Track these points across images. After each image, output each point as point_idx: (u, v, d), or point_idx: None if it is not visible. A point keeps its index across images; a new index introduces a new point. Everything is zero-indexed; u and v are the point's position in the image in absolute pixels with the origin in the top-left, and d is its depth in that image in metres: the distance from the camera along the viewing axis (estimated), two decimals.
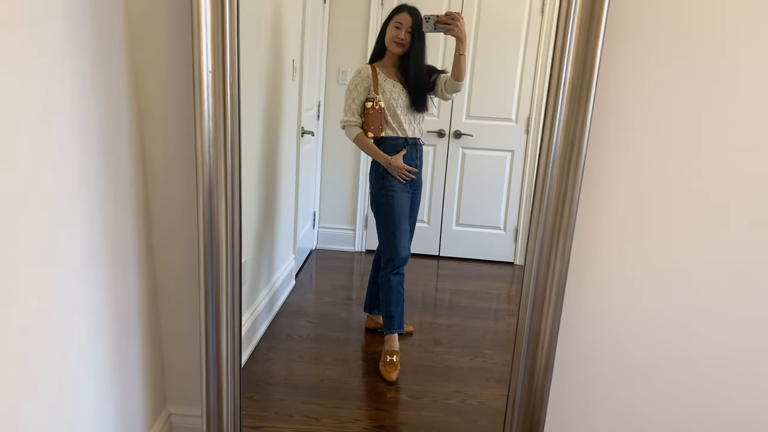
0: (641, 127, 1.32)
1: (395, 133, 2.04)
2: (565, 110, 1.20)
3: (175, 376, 1.59)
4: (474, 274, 2.48)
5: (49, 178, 1.00)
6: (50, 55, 0.98)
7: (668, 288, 1.43)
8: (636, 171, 1.36)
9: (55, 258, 1.03)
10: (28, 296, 0.96)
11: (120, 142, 1.25)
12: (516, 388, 1.38)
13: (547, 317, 1.32)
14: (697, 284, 1.42)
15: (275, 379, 1.91)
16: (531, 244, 1.31)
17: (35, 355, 0.99)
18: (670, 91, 1.29)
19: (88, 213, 1.13)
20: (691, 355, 1.49)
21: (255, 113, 1.82)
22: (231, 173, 1.22)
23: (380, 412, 1.80)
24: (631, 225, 1.40)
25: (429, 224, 2.44)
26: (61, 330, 1.07)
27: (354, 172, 2.49)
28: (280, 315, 2.28)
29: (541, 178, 1.26)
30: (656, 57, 1.27)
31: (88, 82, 1.10)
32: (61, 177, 1.03)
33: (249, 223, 1.86)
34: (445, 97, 2.05)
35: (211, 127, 1.18)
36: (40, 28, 0.95)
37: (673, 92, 1.29)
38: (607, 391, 1.54)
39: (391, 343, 2.08)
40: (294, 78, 2.19)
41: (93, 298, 1.17)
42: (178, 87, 1.32)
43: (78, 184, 1.09)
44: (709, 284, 1.42)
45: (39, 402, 1.01)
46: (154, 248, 1.46)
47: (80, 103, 1.08)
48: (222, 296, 1.29)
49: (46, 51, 0.97)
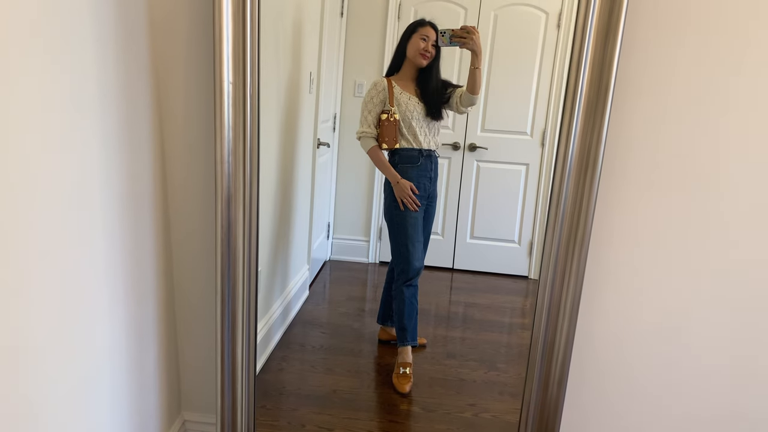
0: (658, 142, 1.32)
1: (410, 145, 2.06)
2: (581, 124, 1.20)
3: (190, 383, 1.60)
4: (488, 288, 2.48)
5: (70, 181, 1.02)
6: (76, 61, 1.01)
7: (685, 304, 1.43)
8: (652, 185, 1.35)
9: (77, 265, 1.05)
10: (49, 300, 0.98)
11: (141, 149, 1.27)
12: (530, 400, 1.38)
13: (562, 330, 1.31)
14: (715, 301, 1.41)
15: (288, 389, 1.92)
16: (546, 257, 1.32)
17: (53, 358, 1.01)
18: (688, 106, 1.29)
19: (109, 219, 1.15)
20: (708, 373, 1.47)
21: (272, 124, 1.84)
22: (249, 183, 1.24)
23: (393, 424, 1.80)
24: (647, 240, 1.39)
25: (443, 237, 2.44)
26: (80, 334, 1.08)
27: (369, 183, 2.51)
28: (294, 325, 2.28)
29: (556, 192, 1.27)
30: (675, 71, 1.27)
31: (111, 87, 1.12)
32: (82, 180, 1.06)
33: (264, 233, 1.88)
34: (460, 111, 2.06)
35: (230, 137, 1.20)
36: (66, 37, 0.98)
37: (690, 106, 1.29)
38: (622, 405, 1.53)
39: (405, 356, 2.07)
40: (311, 90, 2.22)
41: (111, 303, 1.19)
42: (198, 96, 1.35)
43: (99, 191, 1.11)
44: (727, 302, 1.41)
45: (56, 404, 1.02)
46: (173, 256, 1.49)
47: (102, 107, 1.10)
48: (238, 305, 1.30)
49: (72, 56, 1.00)
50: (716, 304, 1.42)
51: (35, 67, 0.89)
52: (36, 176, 0.92)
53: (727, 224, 1.35)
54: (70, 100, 1.00)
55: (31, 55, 0.88)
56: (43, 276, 0.96)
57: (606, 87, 1.17)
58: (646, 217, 1.38)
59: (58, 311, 1.01)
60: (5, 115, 0.84)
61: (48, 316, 0.98)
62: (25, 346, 0.92)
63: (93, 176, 1.08)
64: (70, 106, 1.00)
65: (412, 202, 2.07)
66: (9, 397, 0.89)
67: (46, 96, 0.93)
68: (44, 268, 0.96)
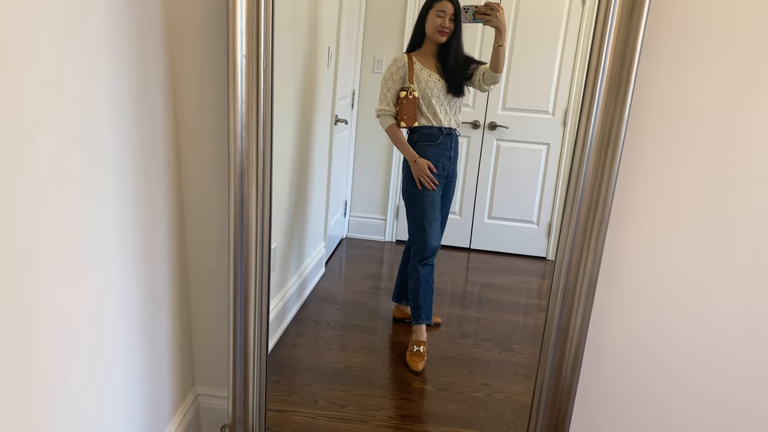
0: (683, 123, 1.28)
1: (429, 123, 2.03)
2: (603, 101, 1.17)
3: (203, 357, 1.62)
4: (505, 268, 2.46)
5: (83, 159, 1.02)
6: (88, 30, 1.00)
7: (705, 290, 1.39)
8: (675, 167, 1.31)
9: (91, 239, 1.06)
10: (63, 277, 0.98)
11: (154, 122, 1.27)
12: (542, 383, 1.36)
13: (577, 312, 1.29)
14: (736, 289, 1.38)
15: (302, 365, 1.93)
16: (563, 237, 1.29)
17: (66, 334, 1.02)
18: (715, 88, 1.24)
19: (122, 194, 1.15)
20: (723, 361, 1.44)
21: (289, 100, 1.83)
22: (263, 157, 1.23)
23: (405, 402, 1.80)
24: (668, 223, 1.36)
25: (460, 216, 2.41)
26: (93, 309, 1.09)
27: (386, 161, 2.49)
28: (309, 301, 2.29)
29: (575, 171, 1.24)
30: (702, 47, 1.22)
31: (124, 61, 1.12)
32: (95, 155, 1.05)
33: (280, 210, 1.88)
34: (482, 89, 2.01)
35: (243, 110, 1.19)
36: (80, 8, 0.97)
37: (717, 89, 1.24)
38: (635, 391, 1.51)
39: (419, 334, 2.07)
40: (329, 66, 2.19)
41: (124, 276, 1.20)
42: (211, 70, 1.33)
43: (114, 167, 1.11)
44: (747, 290, 1.37)
45: (68, 378, 1.04)
46: (186, 232, 1.49)
47: (116, 82, 1.10)
48: (251, 280, 1.30)
49: (84, 25, 0.99)
50: (742, 286, 1.38)
51: (48, 43, 0.89)
52: (44, 165, 0.92)
53: (758, 205, 1.31)
54: (82, 76, 0.99)
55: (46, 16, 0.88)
56: (55, 258, 0.96)
57: (630, 61, 1.13)
58: (668, 197, 1.34)
59: (73, 288, 1.01)
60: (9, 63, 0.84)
61: (60, 293, 0.98)
62: (36, 321, 0.93)
63: (105, 151, 1.08)
64: (87, 77, 0.99)
65: (429, 181, 2.04)
66: (20, 372, 0.90)
67: (60, 69, 0.92)
68: (56, 247, 0.96)
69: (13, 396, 0.88)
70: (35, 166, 0.88)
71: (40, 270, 0.92)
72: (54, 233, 0.95)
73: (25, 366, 0.90)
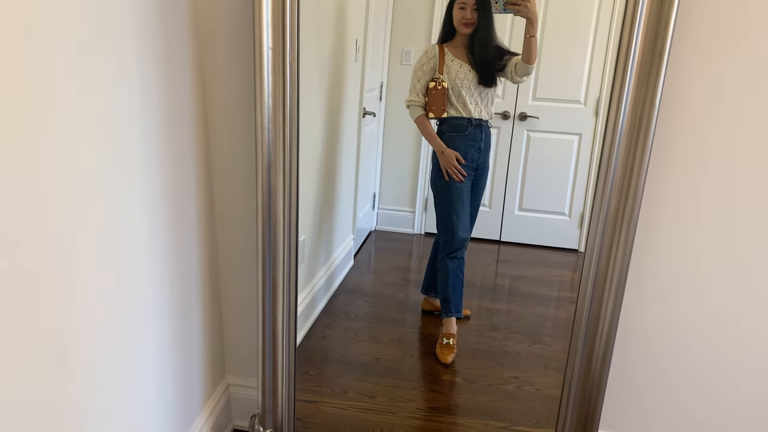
0: (719, 105, 1.24)
1: (459, 114, 2.01)
2: (633, 88, 1.14)
3: (234, 347, 1.65)
4: (536, 261, 2.43)
5: (111, 160, 1.04)
6: (112, 26, 1.02)
7: (738, 283, 1.35)
8: (708, 157, 1.28)
9: (124, 231, 1.08)
10: (97, 268, 1.01)
11: (182, 119, 1.29)
12: (572, 375, 1.34)
13: (608, 304, 1.27)
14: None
15: (331, 356, 1.95)
16: (593, 227, 1.27)
17: (99, 323, 1.04)
18: (751, 76, 1.20)
19: (152, 184, 1.18)
20: (757, 357, 1.40)
21: (316, 93, 1.83)
22: (289, 149, 1.24)
23: (434, 394, 1.80)
24: (703, 212, 1.32)
25: (491, 208, 2.39)
26: (126, 300, 1.12)
27: (415, 154, 2.48)
28: (338, 293, 2.31)
29: (605, 159, 1.21)
30: (738, 32, 1.18)
31: (149, 53, 1.14)
32: (123, 148, 1.08)
33: (308, 203, 1.89)
34: (514, 80, 1.99)
35: (270, 103, 1.20)
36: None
37: (753, 77, 1.20)
38: (666, 384, 1.47)
39: (448, 326, 2.07)
40: (357, 58, 2.19)
41: (156, 270, 1.22)
42: (237, 63, 1.35)
43: (140, 162, 1.13)
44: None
45: (100, 368, 1.06)
46: (216, 221, 1.51)
47: (142, 73, 1.12)
48: (279, 270, 1.31)
49: (108, 21, 1.01)
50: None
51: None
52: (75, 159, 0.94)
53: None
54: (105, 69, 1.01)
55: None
56: (91, 242, 0.99)
57: (662, 46, 1.09)
58: (702, 186, 1.30)
59: (108, 280, 1.04)
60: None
61: (96, 282, 1.01)
62: (72, 311, 0.96)
63: (133, 144, 1.10)
64: (111, 74, 1.01)
65: (456, 173, 2.03)
66: (51, 365, 0.93)
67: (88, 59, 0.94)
68: (91, 232, 0.98)
69: (45, 391, 0.91)
70: (66, 160, 0.91)
71: (71, 267, 0.94)
72: (84, 230, 0.97)
73: (56, 360, 0.93)
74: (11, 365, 0.83)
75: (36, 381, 0.88)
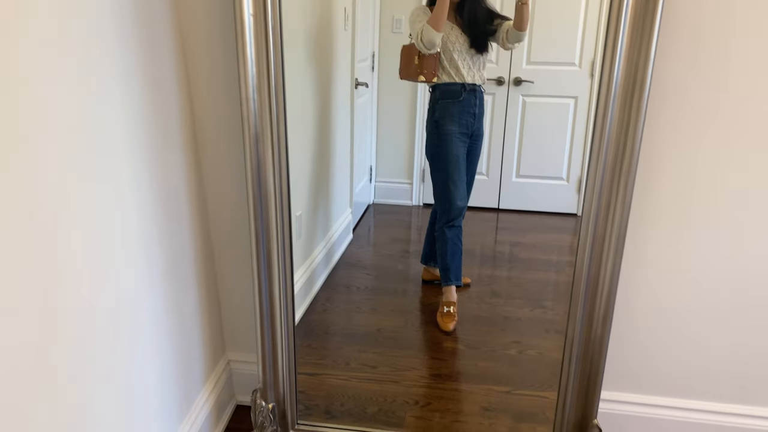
0: (725, 56, 1.21)
1: (451, 79, 1.98)
2: (627, 41, 1.11)
3: (233, 324, 1.64)
4: (535, 227, 2.41)
5: (101, 134, 1.02)
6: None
7: (743, 232, 1.33)
8: (707, 110, 1.25)
9: (112, 209, 1.06)
10: (87, 249, 0.99)
11: (166, 94, 1.26)
12: (573, 336, 1.34)
13: (607, 264, 1.25)
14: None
15: (333, 329, 1.95)
16: (589, 187, 1.25)
17: (94, 305, 1.03)
18: (755, 20, 1.17)
19: (138, 163, 1.15)
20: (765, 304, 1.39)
21: (304, 63, 1.80)
22: (276, 120, 1.21)
23: (436, 361, 1.80)
24: (700, 163, 1.30)
25: (488, 176, 2.36)
26: (116, 276, 1.11)
27: (410, 124, 2.44)
28: (338, 267, 2.30)
29: (600, 117, 1.19)
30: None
31: (128, 24, 1.11)
32: (108, 132, 1.05)
33: (303, 177, 1.87)
34: (506, 47, 1.95)
35: (254, 72, 1.17)
36: None
37: (758, 19, 1.17)
38: (671, 340, 1.47)
39: (448, 295, 2.06)
40: (346, 27, 2.15)
41: (146, 246, 1.21)
42: (220, 31, 1.32)
43: (127, 145, 1.11)
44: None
45: (98, 353, 1.06)
46: (207, 197, 1.49)
47: (122, 51, 1.09)
48: (272, 244, 1.30)
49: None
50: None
51: None
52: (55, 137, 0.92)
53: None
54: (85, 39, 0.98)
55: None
56: (80, 224, 0.97)
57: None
58: (701, 144, 1.28)
59: (96, 261, 1.02)
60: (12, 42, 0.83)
61: (88, 265, 1.00)
62: (68, 291, 0.95)
63: (119, 124, 1.08)
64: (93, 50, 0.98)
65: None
66: (47, 349, 0.92)
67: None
68: (80, 214, 0.97)
69: (43, 372, 0.90)
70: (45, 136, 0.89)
71: (62, 248, 0.93)
72: (70, 209, 0.95)
73: (53, 343, 0.92)
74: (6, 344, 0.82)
75: (27, 366, 0.87)
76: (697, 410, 1.51)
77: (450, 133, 2.02)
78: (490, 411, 1.62)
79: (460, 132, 2.01)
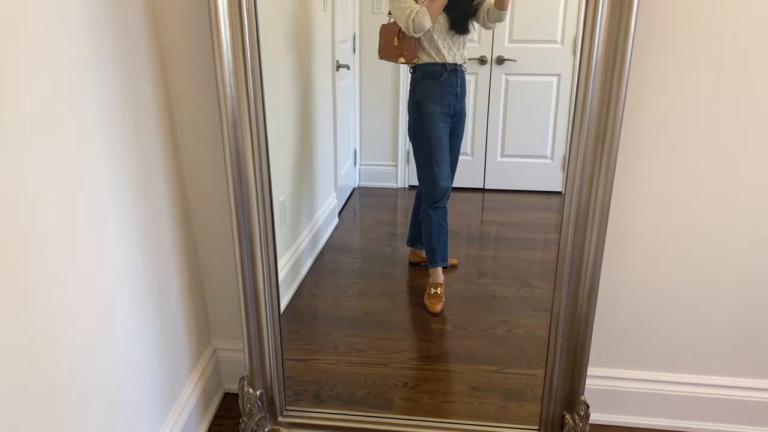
0: (699, 26, 1.20)
1: (432, 60, 1.96)
2: (607, 12, 1.09)
3: (217, 311, 1.63)
4: (520, 206, 2.41)
5: (74, 118, 0.99)
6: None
7: (724, 207, 1.34)
8: (689, 82, 1.25)
9: (88, 197, 1.04)
10: (67, 238, 0.97)
11: (141, 81, 1.23)
12: (559, 313, 1.34)
13: (591, 240, 1.25)
14: (749, 207, 1.32)
15: (321, 314, 1.94)
16: (572, 164, 1.24)
17: (76, 298, 1.01)
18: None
19: (112, 151, 1.13)
20: (750, 276, 1.40)
21: (285, 47, 1.77)
22: (255, 104, 1.19)
23: (425, 343, 1.80)
24: (683, 137, 1.30)
25: (473, 156, 2.36)
26: (99, 274, 1.09)
27: (393, 106, 2.42)
28: (325, 252, 2.29)
29: (581, 91, 1.18)
30: None
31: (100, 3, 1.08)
32: (84, 121, 1.03)
33: (286, 162, 1.85)
34: (487, 26, 1.93)
35: (230, 55, 1.14)
36: None
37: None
38: (658, 316, 1.48)
39: (435, 276, 2.06)
40: (325, 9, 2.11)
41: (123, 236, 1.19)
42: (199, 15, 1.29)
43: (101, 132, 1.08)
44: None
45: (80, 345, 1.04)
46: (186, 185, 1.47)
47: (97, 33, 1.06)
48: (254, 230, 1.29)
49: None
50: (761, 208, 1.33)
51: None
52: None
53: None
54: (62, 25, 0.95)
55: None
56: (59, 215, 0.95)
57: None
58: (681, 117, 1.28)
59: (74, 250, 1.00)
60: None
61: (64, 256, 0.98)
62: (49, 283, 0.93)
63: (95, 119, 1.05)
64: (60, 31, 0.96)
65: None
66: (25, 346, 0.90)
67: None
68: (59, 206, 0.95)
69: (19, 371, 0.88)
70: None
71: (41, 240, 0.91)
72: (50, 200, 0.93)
73: (32, 339, 0.90)
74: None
75: (9, 362, 0.85)
76: (684, 383, 1.53)
77: (432, 113, 2.00)
78: (478, 390, 1.63)
79: (442, 112, 2.00)
